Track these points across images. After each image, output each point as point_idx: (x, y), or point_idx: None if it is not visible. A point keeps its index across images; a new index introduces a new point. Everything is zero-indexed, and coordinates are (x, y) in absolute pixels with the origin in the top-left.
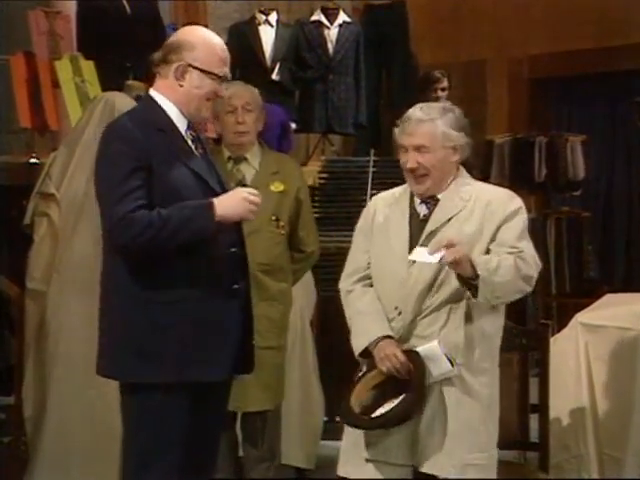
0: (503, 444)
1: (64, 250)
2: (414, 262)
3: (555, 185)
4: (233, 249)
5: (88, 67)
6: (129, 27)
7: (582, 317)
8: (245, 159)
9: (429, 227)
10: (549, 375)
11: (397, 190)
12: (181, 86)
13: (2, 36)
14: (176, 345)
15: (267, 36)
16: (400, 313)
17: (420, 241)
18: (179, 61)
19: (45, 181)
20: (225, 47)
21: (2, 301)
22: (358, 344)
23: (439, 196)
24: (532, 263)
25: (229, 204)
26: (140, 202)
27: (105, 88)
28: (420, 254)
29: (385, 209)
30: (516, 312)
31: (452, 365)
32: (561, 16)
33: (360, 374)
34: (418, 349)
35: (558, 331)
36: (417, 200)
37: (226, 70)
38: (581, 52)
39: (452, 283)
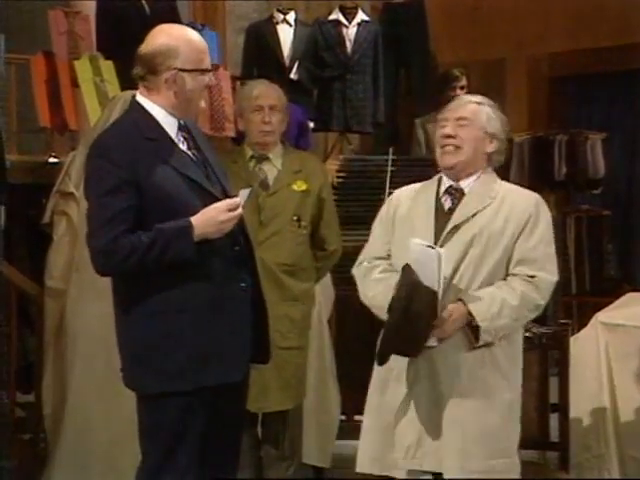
0: (523, 444)
1: (83, 249)
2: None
3: (575, 183)
4: (236, 247)
5: (107, 67)
6: (148, 27)
7: (602, 316)
8: (268, 158)
9: (453, 221)
10: (569, 374)
11: (420, 185)
12: (176, 92)
13: (22, 36)
14: (189, 352)
15: (285, 35)
16: None
17: (443, 235)
18: (168, 70)
19: (64, 180)
20: (199, 36)
21: (21, 299)
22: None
23: (465, 189)
24: (546, 289)
25: (204, 223)
26: (124, 226)
27: (124, 87)
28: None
29: (408, 201)
30: None
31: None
32: (581, 14)
33: None
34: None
35: (578, 330)
36: (442, 191)
37: (209, 58)
38: (601, 50)
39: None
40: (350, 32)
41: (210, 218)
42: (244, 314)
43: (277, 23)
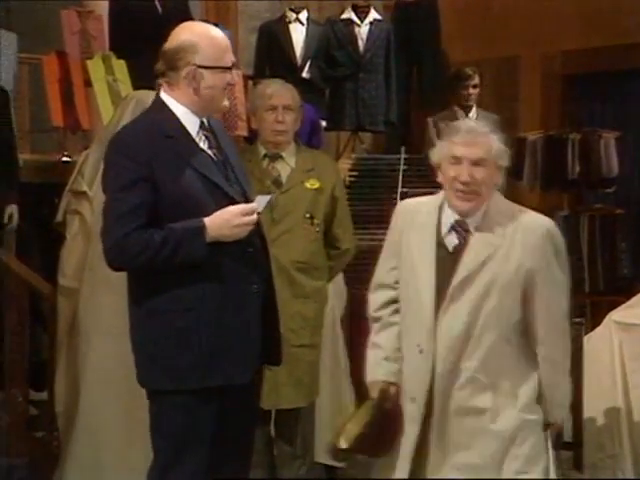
0: None
1: (96, 247)
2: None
3: (588, 182)
4: (250, 249)
5: (120, 66)
6: (160, 26)
7: (616, 315)
8: (281, 157)
9: (462, 271)
10: (583, 374)
11: (425, 205)
12: (195, 89)
13: (35, 36)
14: (197, 351)
15: (297, 34)
16: (422, 351)
17: (451, 287)
18: (187, 66)
19: (77, 179)
20: (222, 34)
21: (34, 298)
22: (366, 377)
23: (471, 227)
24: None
25: (217, 226)
26: (137, 223)
27: (137, 87)
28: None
29: (411, 232)
30: None
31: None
32: (594, 11)
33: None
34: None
35: (591, 329)
36: (444, 227)
37: (231, 57)
38: (614, 47)
39: (488, 335)
40: (362, 31)
41: (224, 221)
42: (253, 316)
43: (289, 22)
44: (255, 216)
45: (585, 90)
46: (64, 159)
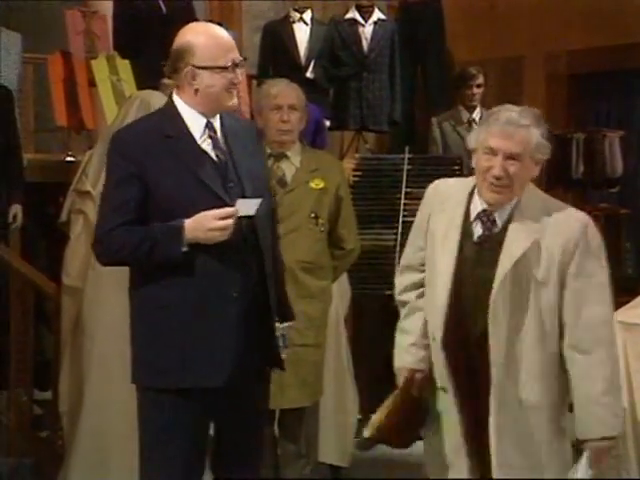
0: None
1: None
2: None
3: (593, 182)
4: (233, 254)
5: (124, 66)
6: (165, 26)
7: (620, 315)
8: (286, 156)
9: (500, 271)
10: None
11: (457, 189)
12: (196, 89)
13: (39, 36)
14: (171, 351)
15: (301, 34)
16: (434, 339)
17: (495, 286)
18: (185, 66)
19: (81, 179)
20: (225, 33)
21: (39, 297)
22: (394, 362)
23: (498, 219)
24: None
25: (193, 228)
26: (123, 219)
27: (141, 87)
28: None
29: (439, 215)
30: None
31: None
32: (599, 10)
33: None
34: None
35: None
36: (472, 215)
37: (233, 56)
38: (619, 47)
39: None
40: (366, 31)
41: (199, 224)
42: (231, 321)
43: (293, 22)
44: (231, 220)
45: (590, 90)
46: (68, 159)
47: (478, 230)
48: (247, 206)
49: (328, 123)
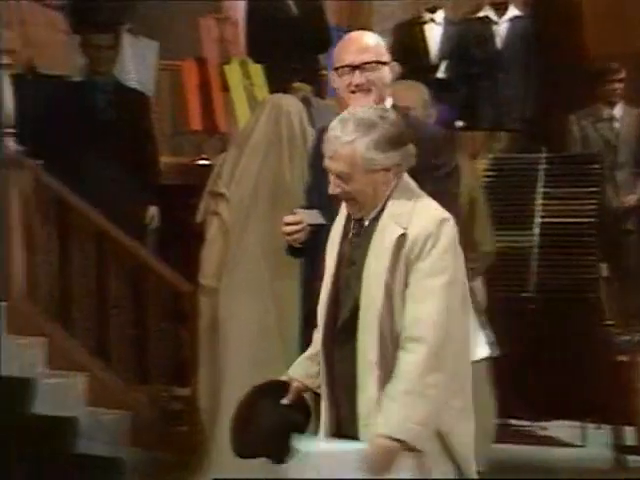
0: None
1: (235, 248)
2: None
3: None
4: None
5: (256, 70)
6: (295, 29)
7: None
8: None
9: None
10: None
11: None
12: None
13: (171, 43)
14: None
15: (433, 34)
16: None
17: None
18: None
19: (215, 181)
20: (353, 36)
21: (175, 297)
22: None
23: (367, 222)
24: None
25: None
26: None
27: (272, 90)
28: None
29: (339, 219)
30: None
31: None
32: None
33: None
34: None
35: None
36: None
37: (349, 57)
38: None
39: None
40: (501, 28)
41: None
42: None
43: (424, 22)
44: (298, 227)
45: None
46: (201, 162)
47: (353, 229)
48: (312, 216)
49: (460, 123)
